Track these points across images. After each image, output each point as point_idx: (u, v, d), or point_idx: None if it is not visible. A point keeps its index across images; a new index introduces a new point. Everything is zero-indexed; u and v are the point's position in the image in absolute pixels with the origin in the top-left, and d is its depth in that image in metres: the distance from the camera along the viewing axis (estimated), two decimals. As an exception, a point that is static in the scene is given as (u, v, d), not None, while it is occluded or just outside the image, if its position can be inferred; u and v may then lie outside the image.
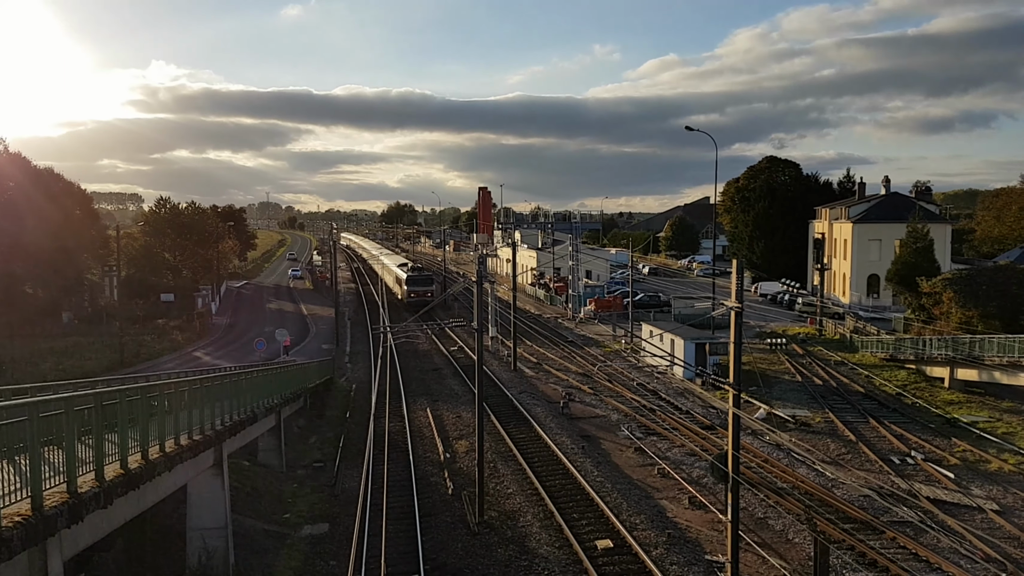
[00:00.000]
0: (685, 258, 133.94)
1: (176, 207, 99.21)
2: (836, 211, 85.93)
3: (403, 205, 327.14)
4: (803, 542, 23.17)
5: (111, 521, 15.18)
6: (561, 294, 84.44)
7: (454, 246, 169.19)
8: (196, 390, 21.25)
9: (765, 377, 46.02)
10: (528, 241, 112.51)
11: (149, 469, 16.55)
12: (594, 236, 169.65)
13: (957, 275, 55.52)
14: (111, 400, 15.28)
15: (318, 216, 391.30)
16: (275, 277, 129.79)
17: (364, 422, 38.60)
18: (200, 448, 20.39)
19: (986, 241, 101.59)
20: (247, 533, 24.27)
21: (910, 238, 64.56)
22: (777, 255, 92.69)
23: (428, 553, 22.96)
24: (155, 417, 17.67)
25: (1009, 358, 38.80)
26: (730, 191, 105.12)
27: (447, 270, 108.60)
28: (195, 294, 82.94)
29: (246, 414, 26.02)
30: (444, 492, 28.69)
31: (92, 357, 55.82)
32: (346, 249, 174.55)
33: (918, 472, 30.36)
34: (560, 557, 22.49)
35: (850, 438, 34.67)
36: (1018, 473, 29.92)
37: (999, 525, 24.70)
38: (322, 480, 31.41)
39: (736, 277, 21.17)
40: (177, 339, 65.68)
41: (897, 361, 50.10)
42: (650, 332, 52.71)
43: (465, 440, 35.15)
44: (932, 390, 44.07)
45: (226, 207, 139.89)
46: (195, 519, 21.47)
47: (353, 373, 53.32)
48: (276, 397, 31.77)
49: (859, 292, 79.31)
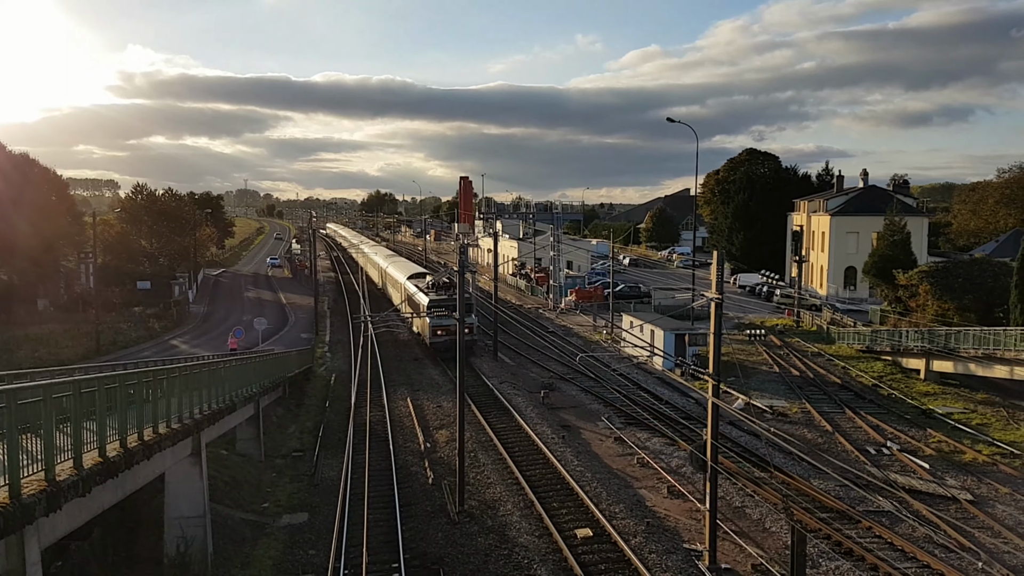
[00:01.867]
0: (665, 249, 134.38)
1: (153, 194, 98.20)
2: (814, 204, 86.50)
3: (383, 194, 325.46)
4: (780, 531, 23.40)
5: (89, 509, 15.07)
6: (542, 284, 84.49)
7: (435, 236, 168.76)
8: (174, 378, 21.10)
9: (744, 368, 46.33)
10: (509, 231, 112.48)
11: (127, 457, 16.43)
12: (575, 227, 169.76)
13: (933, 268, 56.18)
14: (89, 388, 15.15)
15: (297, 204, 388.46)
16: (253, 265, 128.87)
17: (344, 411, 38.51)
18: (178, 437, 20.26)
19: (962, 234, 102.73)
20: (225, 522, 24.16)
21: (887, 231, 65.19)
22: (756, 247, 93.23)
23: (408, 542, 22.97)
24: (133, 405, 17.52)
25: (984, 350, 39.32)
26: (710, 183, 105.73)
27: (428, 260, 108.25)
28: (172, 282, 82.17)
29: (224, 403, 25.87)
30: (424, 481, 28.70)
31: (68, 345, 55.21)
32: (326, 238, 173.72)
33: (893, 462, 30.72)
34: (540, 546, 22.58)
35: (827, 428, 35.03)
36: (992, 464, 30.35)
37: (973, 515, 25.05)
38: (301, 469, 31.31)
39: (717, 269, 21.29)
40: (154, 327, 65.10)
41: (873, 353, 50.60)
42: (630, 323, 52.92)
43: (446, 429, 35.14)
44: (908, 381, 44.57)
45: (203, 194, 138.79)
46: (173, 508, 21.34)
47: (333, 362, 53.11)
48: (255, 386, 31.59)
49: (836, 284, 79.97)
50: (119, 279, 76.23)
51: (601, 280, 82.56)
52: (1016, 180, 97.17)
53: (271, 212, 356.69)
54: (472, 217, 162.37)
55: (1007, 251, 68.53)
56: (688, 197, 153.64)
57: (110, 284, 73.08)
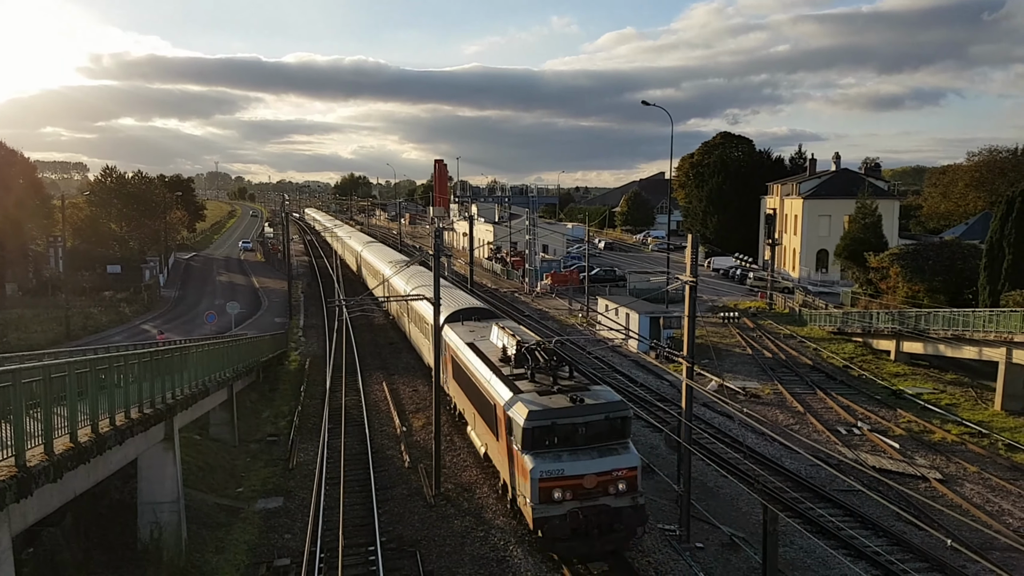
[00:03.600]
0: (640, 233, 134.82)
1: (122, 176, 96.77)
2: (787, 187, 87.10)
3: (357, 177, 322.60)
4: (752, 510, 23.65)
5: (61, 495, 14.90)
6: (518, 268, 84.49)
7: (410, 219, 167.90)
8: (146, 363, 20.86)
9: (717, 350, 46.69)
10: (485, 215, 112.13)
11: (99, 443, 16.26)
12: (551, 210, 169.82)
13: (904, 250, 56.82)
14: (60, 372, 14.94)
15: (269, 187, 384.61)
16: (225, 249, 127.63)
17: (319, 396, 38.33)
18: (151, 421, 20.07)
19: (932, 217, 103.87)
20: (199, 507, 24.02)
21: (859, 214, 65.85)
22: (730, 230, 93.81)
23: (384, 525, 22.99)
24: (104, 390, 17.32)
25: (953, 331, 39.88)
26: (685, 167, 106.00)
27: (403, 243, 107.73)
28: (143, 266, 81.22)
29: (197, 388, 25.66)
30: (400, 465, 28.68)
31: (38, 330, 54.49)
32: (299, 221, 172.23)
33: (864, 442, 31.16)
34: (516, 528, 22.66)
35: (798, 409, 35.43)
36: (960, 443, 30.88)
37: (942, 493, 25.50)
38: (276, 454, 31.16)
39: (691, 252, 21.39)
40: (125, 312, 64.36)
41: (844, 334, 51.17)
42: (606, 306, 53.10)
43: (421, 413, 35.10)
44: (878, 363, 45.15)
45: (173, 177, 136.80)
46: (146, 493, 21.17)
47: (307, 347, 52.82)
48: (228, 371, 31.34)
49: (808, 267, 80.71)
50: (89, 263, 75.23)
51: (576, 264, 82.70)
52: (985, 163, 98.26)
53: (243, 195, 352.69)
54: (447, 200, 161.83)
55: (976, 233, 69.42)
56: (663, 181, 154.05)
57: (80, 268, 72.13)
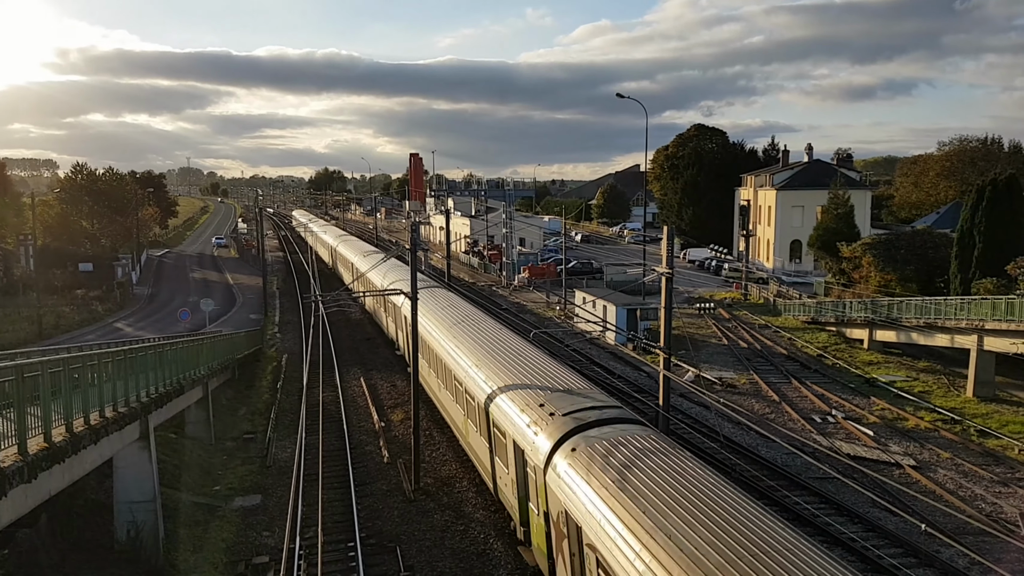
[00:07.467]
0: (617, 225, 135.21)
1: (93, 173, 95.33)
2: (761, 178, 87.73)
3: (332, 171, 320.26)
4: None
5: (35, 496, 14.71)
6: (495, 262, 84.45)
7: (385, 213, 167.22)
8: (120, 361, 20.64)
9: (694, 341, 47.01)
10: (461, 209, 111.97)
11: (74, 442, 16.09)
12: (527, 204, 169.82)
13: (876, 240, 57.49)
14: (32, 372, 14.74)
15: (242, 182, 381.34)
16: (198, 245, 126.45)
17: (295, 392, 38.09)
18: (126, 420, 19.87)
19: (904, 207, 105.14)
20: (177, 506, 23.81)
21: (831, 204, 66.47)
22: (705, 222, 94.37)
23: (364, 521, 22.93)
24: (78, 389, 17.13)
25: (925, 319, 40.41)
26: (660, 159, 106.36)
27: (379, 238, 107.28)
28: (115, 263, 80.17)
29: (172, 386, 25.44)
30: (380, 460, 28.60)
31: (8, 329, 53.70)
32: (273, 216, 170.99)
33: (839, 430, 31.51)
34: (496, 521, 22.69)
35: (774, 399, 35.76)
36: (933, 430, 31.31)
37: (916, 480, 25.84)
38: (253, 452, 30.94)
39: (667, 244, 21.50)
40: (97, 310, 63.59)
41: (818, 324, 51.68)
42: (583, 299, 53.26)
43: (400, 408, 35.01)
44: (852, 351, 45.67)
45: (145, 173, 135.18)
46: (122, 492, 20.97)
47: (283, 343, 52.48)
48: (203, 368, 31.08)
49: (782, 257, 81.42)
50: (60, 261, 74.18)
51: (554, 257, 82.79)
52: (956, 153, 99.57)
53: (215, 191, 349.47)
54: (423, 194, 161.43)
55: (947, 223, 70.35)
56: (638, 173, 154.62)
57: (51, 267, 71.08)
